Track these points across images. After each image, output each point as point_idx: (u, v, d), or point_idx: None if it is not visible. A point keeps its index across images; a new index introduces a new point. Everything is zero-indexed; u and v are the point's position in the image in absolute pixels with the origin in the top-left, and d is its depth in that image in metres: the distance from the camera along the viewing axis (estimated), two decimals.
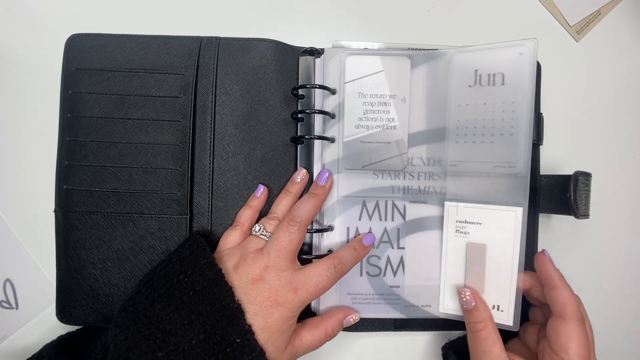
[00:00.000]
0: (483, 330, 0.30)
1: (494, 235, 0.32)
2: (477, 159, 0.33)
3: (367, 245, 0.33)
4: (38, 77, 0.37)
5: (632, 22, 0.40)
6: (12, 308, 0.37)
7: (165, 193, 0.34)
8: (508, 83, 0.31)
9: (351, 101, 0.34)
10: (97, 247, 0.34)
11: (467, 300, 0.32)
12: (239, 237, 0.33)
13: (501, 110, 0.32)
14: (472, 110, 0.32)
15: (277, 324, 0.28)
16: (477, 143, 0.32)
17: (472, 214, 0.33)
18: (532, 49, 0.31)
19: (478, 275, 0.33)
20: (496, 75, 0.32)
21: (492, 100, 0.32)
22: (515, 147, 0.31)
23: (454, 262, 0.34)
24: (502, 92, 0.32)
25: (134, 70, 0.35)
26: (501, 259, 0.32)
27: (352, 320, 0.34)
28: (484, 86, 0.32)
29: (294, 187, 0.34)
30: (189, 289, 0.28)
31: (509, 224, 0.32)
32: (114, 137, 0.34)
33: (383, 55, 0.34)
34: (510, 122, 0.31)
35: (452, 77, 0.33)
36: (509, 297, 0.32)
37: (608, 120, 0.40)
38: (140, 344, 0.25)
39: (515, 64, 0.31)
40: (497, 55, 0.32)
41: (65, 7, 0.38)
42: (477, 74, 0.32)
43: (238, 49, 0.35)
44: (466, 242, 0.33)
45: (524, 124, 0.31)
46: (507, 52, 0.31)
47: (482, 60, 0.32)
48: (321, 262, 0.30)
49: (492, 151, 0.32)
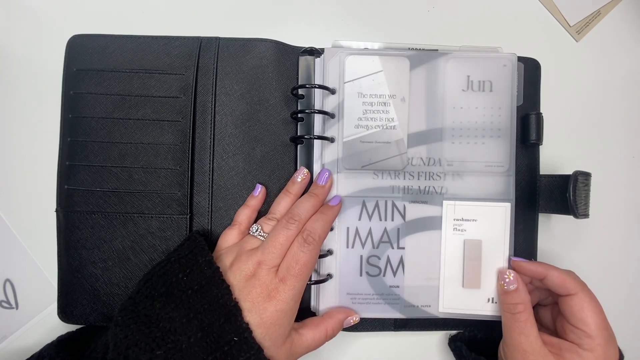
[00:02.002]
0: (523, 312, 0.31)
1: (488, 230, 0.34)
2: (471, 159, 0.35)
3: (334, 205, 0.33)
4: (39, 77, 0.37)
5: (632, 22, 0.40)
6: (12, 308, 0.37)
7: (166, 193, 0.34)
8: (495, 90, 0.35)
9: (351, 101, 0.34)
10: (98, 246, 0.34)
11: (510, 281, 0.32)
12: (236, 237, 0.33)
13: (490, 115, 0.35)
14: (466, 112, 0.35)
15: (272, 319, 0.28)
16: (471, 144, 0.35)
17: (468, 212, 0.35)
18: (513, 62, 0.35)
19: (475, 270, 0.34)
20: (485, 83, 0.35)
21: (483, 105, 0.35)
22: (502, 148, 0.35)
23: (453, 260, 0.35)
24: (490, 98, 0.35)
25: (134, 70, 0.35)
26: (494, 252, 0.34)
27: (352, 321, 0.34)
28: (475, 91, 0.35)
29: (294, 187, 0.34)
30: (187, 287, 0.28)
31: (499, 219, 0.34)
32: (115, 137, 0.34)
33: (382, 55, 0.34)
34: (497, 126, 0.35)
35: (447, 80, 0.35)
36: None
37: (608, 120, 0.40)
38: (140, 342, 0.25)
39: (500, 74, 0.34)
40: (485, 64, 0.35)
41: (66, 8, 0.38)
42: (469, 79, 0.35)
43: (238, 49, 0.35)
44: (463, 239, 0.35)
45: (507, 128, 0.35)
46: (493, 62, 0.35)
47: (473, 68, 0.35)
48: (293, 243, 0.30)
49: (484, 152, 0.35)
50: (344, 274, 0.35)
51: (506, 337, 0.31)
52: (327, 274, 0.35)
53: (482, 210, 0.34)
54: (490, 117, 0.34)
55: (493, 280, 0.34)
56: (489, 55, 0.35)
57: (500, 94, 0.34)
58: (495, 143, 0.34)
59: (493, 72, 0.34)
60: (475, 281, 0.34)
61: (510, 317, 0.31)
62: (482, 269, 0.34)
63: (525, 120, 0.36)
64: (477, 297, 0.34)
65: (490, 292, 0.34)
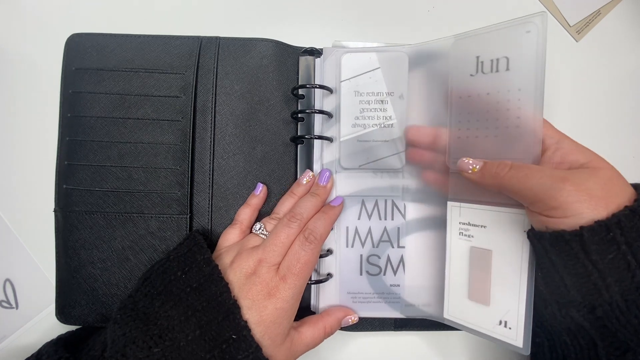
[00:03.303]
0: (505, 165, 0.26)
1: (500, 241, 0.29)
2: (480, 155, 0.29)
3: (336, 205, 0.33)
4: (38, 76, 0.37)
5: (632, 22, 0.40)
6: (12, 308, 0.37)
7: (165, 193, 0.34)
8: (513, 68, 0.28)
9: (347, 100, 0.34)
10: (97, 246, 0.34)
11: (472, 162, 0.28)
12: (237, 235, 0.33)
13: (506, 100, 0.28)
14: (475, 101, 0.29)
15: (271, 317, 0.28)
16: (480, 137, 0.29)
17: (476, 216, 0.30)
18: (540, 26, 0.26)
19: (483, 283, 0.30)
20: (500, 60, 0.28)
21: (496, 89, 0.28)
22: (521, 140, 0.27)
23: (458, 266, 0.32)
24: (506, 79, 0.28)
25: (134, 70, 0.35)
26: (508, 268, 0.29)
27: (351, 320, 0.34)
28: (486, 74, 0.29)
29: (299, 189, 0.34)
30: (185, 285, 0.28)
31: (516, 229, 0.28)
32: (114, 137, 0.34)
33: (379, 51, 0.34)
34: (516, 112, 0.27)
35: (452, 67, 0.30)
36: (517, 312, 0.28)
37: (608, 120, 0.40)
38: (137, 340, 0.25)
39: (521, 45, 0.27)
40: (500, 37, 0.28)
41: (65, 7, 0.38)
42: (478, 60, 0.29)
43: (238, 49, 0.35)
44: (470, 246, 0.31)
45: (531, 113, 0.27)
46: (511, 32, 0.28)
47: (484, 45, 0.29)
48: (294, 242, 0.30)
49: (496, 146, 0.28)
50: (344, 273, 0.35)
51: (537, 192, 0.25)
52: (327, 273, 0.35)
53: (494, 216, 0.29)
54: (506, 102, 0.28)
55: (506, 299, 0.29)
56: (506, 23, 0.28)
57: (520, 71, 0.27)
58: (511, 134, 0.28)
59: (511, 44, 0.28)
60: (483, 296, 0.30)
61: (512, 175, 0.26)
62: (492, 284, 0.29)
63: None
64: (487, 316, 0.30)
65: (503, 313, 0.29)
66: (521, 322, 0.28)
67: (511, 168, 0.26)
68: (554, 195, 0.24)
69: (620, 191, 0.25)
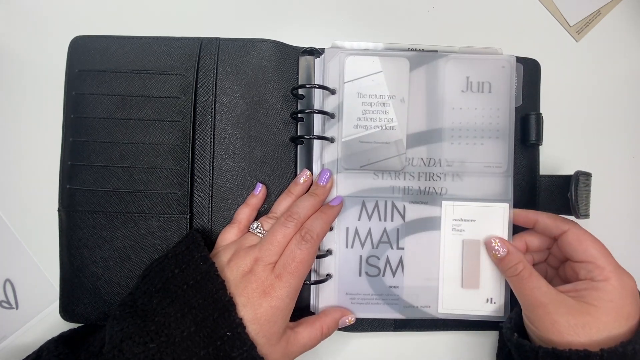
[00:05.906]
0: (524, 269, 0.31)
1: (486, 231, 0.35)
2: (470, 160, 0.35)
3: (334, 205, 0.33)
4: (42, 78, 0.38)
5: (632, 22, 0.40)
6: (12, 308, 0.37)
7: (166, 193, 0.34)
8: (494, 91, 0.35)
9: (350, 101, 0.34)
10: (99, 246, 0.34)
11: (499, 246, 0.32)
12: (236, 234, 0.33)
13: (489, 116, 0.35)
14: (465, 113, 0.35)
15: (266, 315, 0.28)
16: (470, 145, 0.35)
17: (467, 212, 0.35)
18: (511, 63, 0.35)
19: (474, 270, 0.35)
20: (484, 83, 0.35)
21: (482, 106, 0.35)
22: (501, 149, 0.35)
23: (452, 260, 0.35)
24: (490, 99, 0.35)
25: (135, 71, 0.35)
26: None
27: (348, 321, 0.34)
28: (474, 92, 0.35)
29: (296, 188, 0.34)
30: (183, 282, 0.28)
31: (498, 219, 0.35)
32: (116, 138, 0.34)
33: (382, 56, 0.34)
34: (496, 127, 0.35)
35: (447, 81, 0.35)
36: (499, 289, 0.35)
37: (608, 120, 0.40)
38: (134, 336, 0.26)
39: (498, 75, 0.35)
40: (484, 65, 0.35)
41: (68, 10, 0.39)
42: (468, 80, 0.35)
43: (238, 50, 0.36)
44: (462, 239, 0.35)
45: (506, 129, 0.35)
46: (492, 63, 0.35)
47: (472, 69, 0.35)
48: (291, 241, 0.30)
49: (483, 152, 0.35)
50: (343, 274, 0.35)
51: (522, 301, 0.31)
52: (327, 274, 0.35)
53: (481, 210, 0.35)
54: (489, 117, 0.35)
55: (492, 280, 0.34)
56: (488, 56, 0.35)
57: (499, 95, 0.35)
58: (494, 144, 0.35)
59: (492, 73, 0.35)
60: (474, 281, 0.35)
61: (515, 280, 0.31)
62: (481, 269, 0.34)
63: (525, 121, 0.36)
64: (476, 298, 0.35)
65: (489, 292, 0.35)
66: (502, 296, 0.35)
67: (522, 270, 0.31)
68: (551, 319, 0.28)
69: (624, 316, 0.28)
